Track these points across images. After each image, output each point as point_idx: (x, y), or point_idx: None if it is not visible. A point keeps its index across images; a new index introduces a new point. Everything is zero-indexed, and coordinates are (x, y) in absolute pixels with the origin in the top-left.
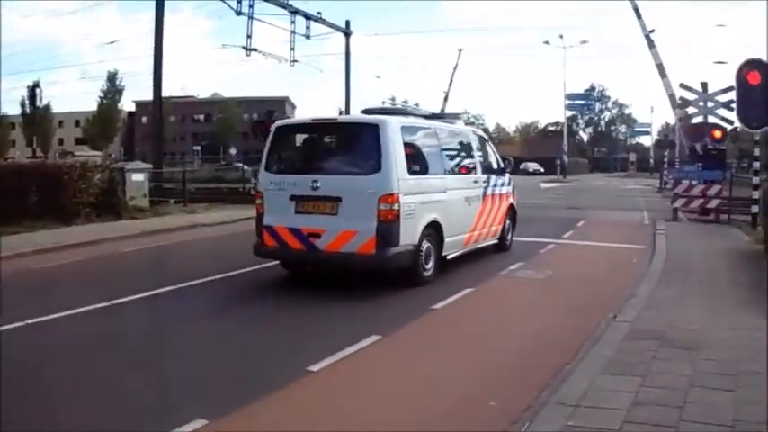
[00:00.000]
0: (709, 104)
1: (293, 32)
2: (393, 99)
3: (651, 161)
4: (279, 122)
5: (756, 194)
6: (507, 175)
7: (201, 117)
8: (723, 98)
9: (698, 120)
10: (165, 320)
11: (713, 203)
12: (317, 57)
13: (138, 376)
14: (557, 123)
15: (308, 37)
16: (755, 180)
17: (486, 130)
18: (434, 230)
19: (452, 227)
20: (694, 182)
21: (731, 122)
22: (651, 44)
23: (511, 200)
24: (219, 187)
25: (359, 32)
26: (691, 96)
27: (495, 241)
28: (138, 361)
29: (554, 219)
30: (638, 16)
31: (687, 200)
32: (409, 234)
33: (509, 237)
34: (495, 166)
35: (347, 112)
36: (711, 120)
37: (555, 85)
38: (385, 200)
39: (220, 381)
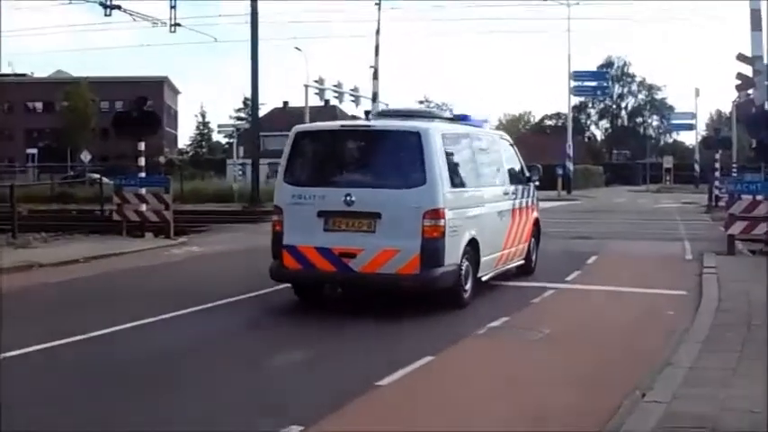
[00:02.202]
0: None
1: None
2: (321, 81)
3: (696, 168)
4: (300, 128)
5: None
6: (532, 184)
7: (39, 105)
8: None
9: (766, 105)
10: None
11: None
12: (209, 20)
13: None
14: (558, 115)
15: None
16: None
17: None
18: (472, 249)
19: (487, 245)
20: (760, 197)
21: None
22: None
23: (536, 213)
24: (66, 209)
25: None
26: (754, 72)
27: (522, 262)
28: None
29: (554, 253)
30: None
31: (749, 223)
32: (453, 252)
33: (534, 257)
34: (521, 175)
35: (254, 98)
36: None
37: (556, 60)
38: (430, 215)
39: None
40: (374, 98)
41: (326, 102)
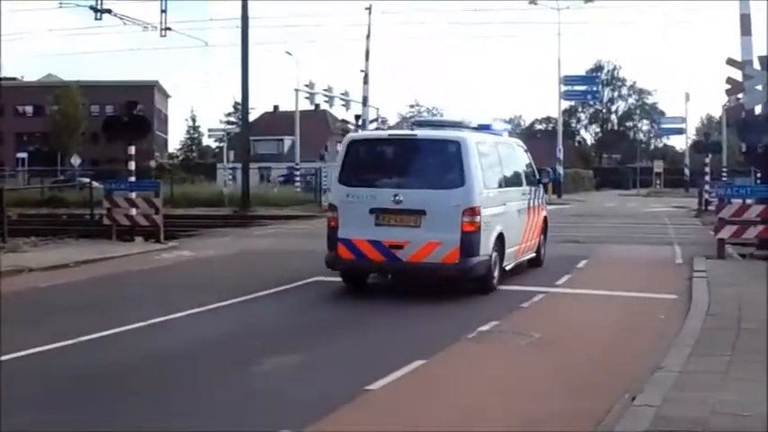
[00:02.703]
0: None
1: None
2: (311, 85)
3: (686, 172)
4: (353, 136)
5: None
6: (542, 186)
7: (29, 109)
8: None
9: (756, 110)
10: None
11: None
12: (200, 24)
13: None
14: (548, 119)
15: None
16: None
17: None
18: (499, 242)
19: (510, 239)
20: (750, 201)
21: None
22: None
23: (544, 212)
24: (56, 213)
25: None
26: (744, 77)
27: (534, 255)
28: None
29: (544, 257)
30: None
31: (739, 227)
32: (486, 245)
33: (543, 251)
34: (533, 177)
35: (245, 102)
36: None
37: (545, 64)
38: (468, 212)
39: None
40: (364, 102)
41: (317, 106)
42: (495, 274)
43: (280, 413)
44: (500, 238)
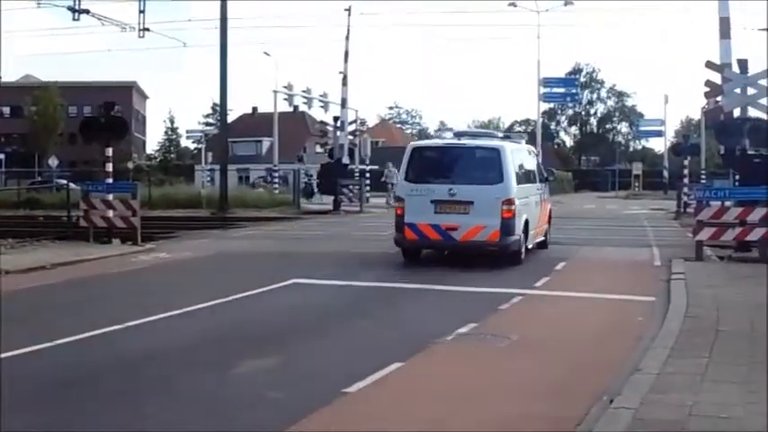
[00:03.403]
0: (751, 91)
1: None
2: (290, 87)
3: (665, 174)
4: (415, 143)
5: None
6: (547, 183)
7: (6, 110)
8: None
9: (734, 112)
10: None
11: (756, 234)
12: (179, 24)
13: None
14: (527, 122)
15: None
16: None
17: (423, 132)
18: (525, 226)
19: (531, 224)
20: (728, 203)
21: None
22: None
23: (549, 205)
24: (33, 215)
25: None
26: (722, 80)
27: (543, 239)
28: None
29: (523, 259)
30: None
31: (717, 229)
32: (518, 228)
33: (548, 237)
34: (541, 176)
35: (223, 104)
36: (754, 113)
37: (525, 67)
38: (506, 202)
39: None
40: (343, 104)
41: (295, 108)
42: (523, 251)
43: (256, 415)
44: (526, 223)
